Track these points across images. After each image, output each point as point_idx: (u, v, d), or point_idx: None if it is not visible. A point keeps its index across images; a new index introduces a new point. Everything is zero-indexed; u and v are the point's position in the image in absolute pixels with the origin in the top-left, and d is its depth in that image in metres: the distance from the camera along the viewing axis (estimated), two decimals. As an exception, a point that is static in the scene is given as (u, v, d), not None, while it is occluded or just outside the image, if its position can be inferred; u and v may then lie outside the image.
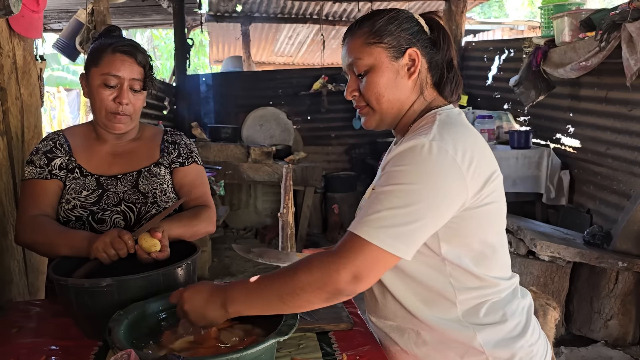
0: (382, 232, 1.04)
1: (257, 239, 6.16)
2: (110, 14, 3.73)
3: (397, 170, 1.09)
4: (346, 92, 1.26)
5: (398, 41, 1.20)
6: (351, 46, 1.23)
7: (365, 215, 1.07)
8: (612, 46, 3.25)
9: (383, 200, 1.07)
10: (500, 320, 1.19)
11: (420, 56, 1.21)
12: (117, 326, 1.10)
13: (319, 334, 1.36)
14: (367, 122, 1.27)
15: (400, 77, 1.21)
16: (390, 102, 1.22)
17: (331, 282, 1.04)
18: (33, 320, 1.48)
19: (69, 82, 11.56)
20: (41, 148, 1.64)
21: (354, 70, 1.23)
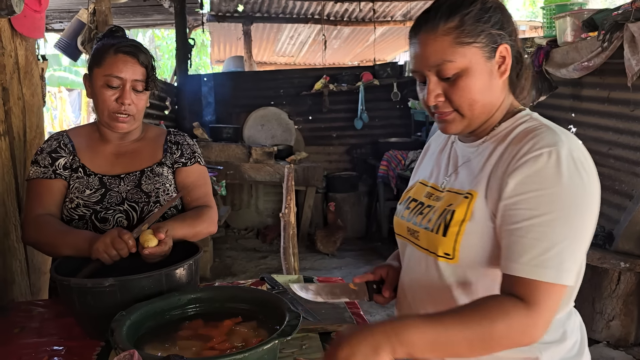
0: (561, 268, 0.96)
1: (258, 239, 6.16)
2: (112, 13, 3.74)
3: (552, 194, 0.98)
4: (428, 98, 1.09)
5: (491, 38, 1.07)
6: (436, 47, 1.06)
7: (538, 255, 0.97)
8: (614, 46, 3.24)
9: (549, 234, 0.97)
10: (560, 338, 1.10)
11: (509, 52, 1.09)
12: (120, 327, 1.10)
13: (321, 334, 1.36)
14: (450, 128, 1.13)
15: (493, 78, 1.09)
16: (484, 107, 1.10)
17: (530, 337, 0.98)
18: (35, 321, 1.48)
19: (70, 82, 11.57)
20: (45, 148, 1.65)
21: (436, 72, 1.08)
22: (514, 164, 1.02)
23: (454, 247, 1.08)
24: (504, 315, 0.96)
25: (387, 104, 6.74)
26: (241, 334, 1.18)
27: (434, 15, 1.07)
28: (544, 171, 0.99)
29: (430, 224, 1.14)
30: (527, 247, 0.98)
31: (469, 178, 1.12)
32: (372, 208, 6.35)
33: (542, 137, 1.03)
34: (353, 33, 9.24)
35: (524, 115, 1.13)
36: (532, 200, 0.99)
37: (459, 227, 1.07)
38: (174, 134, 1.78)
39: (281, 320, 1.11)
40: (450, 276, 1.11)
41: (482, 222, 1.06)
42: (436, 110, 1.12)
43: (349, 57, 11.26)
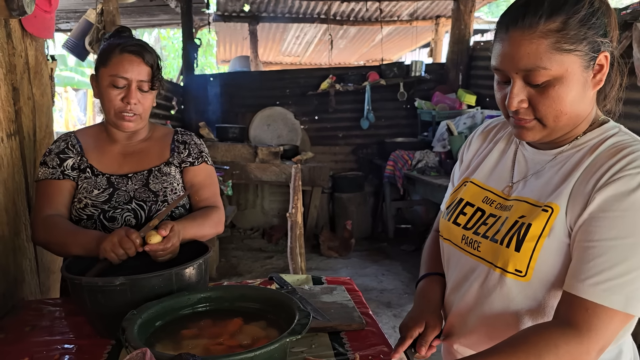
0: (632, 296, 0.89)
1: (264, 239, 6.17)
2: (119, 14, 3.75)
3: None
4: (510, 102, 0.98)
5: (593, 46, 0.95)
6: (530, 49, 0.94)
7: (610, 279, 0.90)
8: (623, 45, 3.23)
9: (628, 259, 0.90)
10: (616, 356, 1.05)
11: (608, 60, 0.98)
12: (131, 326, 1.11)
13: (331, 333, 1.36)
14: (527, 136, 1.03)
15: (587, 89, 0.98)
16: (570, 119, 0.99)
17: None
18: (46, 319, 1.49)
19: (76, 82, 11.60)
20: (54, 149, 1.66)
21: (525, 76, 0.97)
22: (607, 180, 0.94)
23: (528, 264, 1.00)
24: (553, 347, 0.91)
25: (393, 103, 6.74)
26: (251, 332, 1.18)
27: (533, 11, 0.94)
28: (636, 193, 0.91)
29: (499, 235, 1.05)
30: (600, 268, 0.91)
31: (546, 189, 1.03)
32: (378, 208, 6.35)
33: (638, 156, 0.94)
34: (359, 33, 9.23)
35: (612, 127, 1.04)
36: (616, 220, 0.92)
37: (535, 243, 0.99)
38: (181, 133, 1.79)
39: (291, 319, 1.11)
40: (518, 295, 1.04)
41: (560, 239, 0.99)
42: (515, 115, 1.01)
43: (355, 56, 11.25)
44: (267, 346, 1.01)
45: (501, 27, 0.99)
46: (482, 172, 1.18)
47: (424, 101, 6.41)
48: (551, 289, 1.01)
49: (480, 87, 6.05)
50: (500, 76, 1.02)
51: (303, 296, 1.54)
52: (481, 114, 5.31)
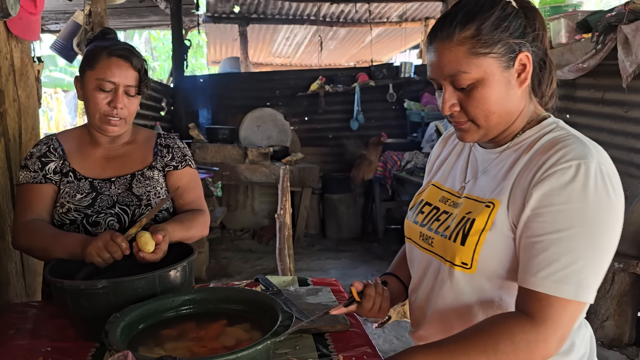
0: (582, 285, 0.93)
1: (254, 240, 6.16)
2: (107, 15, 3.73)
3: (580, 208, 0.94)
4: (443, 107, 1.06)
5: (509, 48, 1.01)
6: (450, 56, 1.01)
7: (559, 270, 0.94)
8: (608, 48, 3.26)
9: (573, 249, 0.94)
10: (567, 350, 1.07)
11: (530, 59, 1.04)
12: (114, 328, 1.10)
13: (315, 335, 1.36)
14: (467, 137, 1.09)
15: (512, 88, 1.04)
16: (501, 117, 1.05)
17: (540, 353, 0.95)
18: (30, 322, 1.48)
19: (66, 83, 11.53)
20: (35, 152, 1.64)
21: (451, 82, 1.04)
22: (541, 175, 0.98)
23: (472, 256, 1.05)
24: (508, 334, 0.95)
25: (383, 104, 6.76)
26: (234, 334, 1.18)
27: (449, 22, 1.02)
28: (572, 185, 0.95)
29: (448, 231, 1.11)
30: (548, 261, 0.95)
31: (490, 186, 1.08)
32: (368, 209, 6.36)
33: (571, 149, 0.98)
34: (349, 34, 9.25)
35: (550, 123, 1.09)
36: (557, 214, 0.95)
37: (478, 237, 1.05)
38: (164, 137, 1.78)
39: (274, 321, 1.12)
40: (466, 286, 1.09)
41: (503, 233, 1.03)
42: (452, 119, 1.08)
43: (345, 58, 11.27)
44: (250, 348, 1.01)
45: (428, 41, 1.07)
46: (442, 174, 1.24)
47: (413, 102, 6.43)
48: (496, 280, 1.06)
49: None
50: (435, 85, 1.09)
51: (288, 297, 1.54)
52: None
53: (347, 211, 6.23)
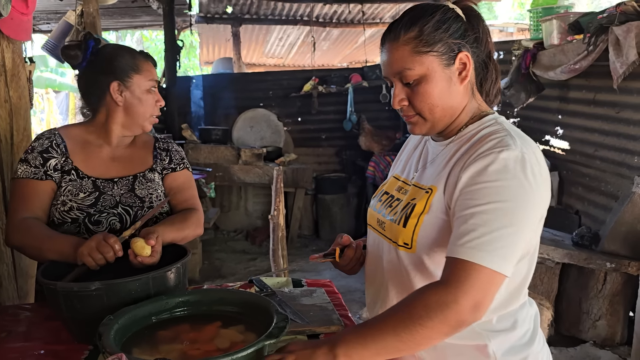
0: (495, 254, 1.01)
1: (247, 240, 6.15)
2: (99, 15, 3.71)
3: (496, 187, 1.04)
4: (393, 102, 1.17)
5: (449, 47, 1.13)
6: (397, 55, 1.14)
7: (474, 239, 1.02)
8: (600, 49, 3.28)
9: (491, 221, 1.02)
10: (511, 327, 1.16)
11: (470, 58, 1.15)
12: (108, 331, 1.10)
13: (310, 336, 1.36)
14: (416, 129, 1.20)
15: (453, 84, 1.15)
16: (444, 111, 1.16)
17: (453, 314, 0.99)
18: (22, 325, 1.47)
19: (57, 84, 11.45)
20: (37, 147, 1.62)
21: (399, 78, 1.15)
22: (470, 161, 1.09)
23: (412, 237, 1.16)
24: (423, 299, 1.02)
25: (376, 105, 6.76)
26: (229, 336, 1.18)
27: (397, 26, 1.15)
28: (492, 166, 1.06)
29: (396, 216, 1.21)
30: (467, 231, 1.03)
31: (432, 174, 1.20)
32: (361, 209, 6.37)
33: (499, 141, 1.09)
34: (342, 35, 9.26)
35: (490, 119, 1.18)
36: (478, 192, 1.06)
37: (417, 219, 1.15)
38: (162, 141, 1.81)
39: (269, 322, 1.12)
40: (409, 265, 1.18)
41: (438, 215, 1.13)
42: (402, 113, 1.20)
43: (338, 58, 11.27)
44: (244, 350, 1.01)
45: (381, 43, 1.20)
46: (401, 166, 1.36)
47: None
48: (436, 259, 1.15)
49: (462, 89, 6.09)
50: (388, 82, 1.20)
51: (282, 299, 1.54)
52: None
53: (341, 212, 6.23)
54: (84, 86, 1.68)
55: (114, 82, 1.62)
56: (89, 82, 1.66)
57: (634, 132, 3.58)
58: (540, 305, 2.68)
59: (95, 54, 1.65)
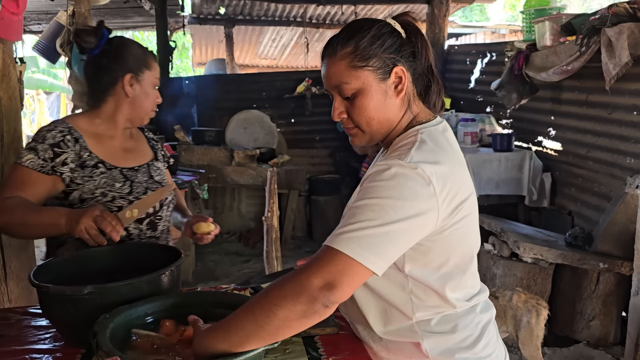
0: (354, 242, 1.04)
1: (241, 242, 6.13)
2: (91, 15, 3.69)
3: (374, 187, 1.09)
4: (333, 114, 1.22)
5: (384, 61, 1.17)
6: (335, 69, 1.18)
7: (339, 229, 1.07)
8: (592, 50, 3.30)
9: (357, 214, 1.06)
10: (450, 330, 1.21)
11: (405, 72, 1.19)
12: (103, 330, 1.09)
13: (305, 338, 1.36)
14: (356, 141, 1.25)
15: (389, 97, 1.19)
16: (381, 123, 1.20)
17: (304, 290, 1.01)
18: (14, 328, 1.45)
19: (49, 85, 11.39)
20: (49, 138, 1.57)
21: (338, 92, 1.20)
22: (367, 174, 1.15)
23: None
24: (278, 281, 1.06)
25: (369, 106, 6.76)
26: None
27: (335, 41, 1.19)
28: (374, 174, 1.11)
29: None
30: (338, 225, 1.09)
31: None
32: (355, 211, 6.36)
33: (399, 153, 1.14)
34: (335, 36, 9.26)
35: (414, 130, 1.21)
36: (359, 194, 1.12)
37: None
38: (147, 131, 1.91)
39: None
40: None
41: None
42: (343, 126, 1.24)
43: (331, 60, 11.28)
44: (241, 355, 1.00)
45: (321, 58, 1.24)
46: None
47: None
48: None
49: (454, 90, 6.12)
50: (330, 95, 1.23)
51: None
52: (455, 117, 5.37)
53: (334, 213, 6.22)
54: (92, 72, 1.68)
55: (128, 74, 1.65)
56: (99, 69, 1.66)
57: (626, 133, 3.60)
58: (537, 306, 2.70)
59: (109, 43, 1.66)
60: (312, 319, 1.03)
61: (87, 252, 1.52)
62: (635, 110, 3.51)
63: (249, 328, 1.01)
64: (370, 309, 1.24)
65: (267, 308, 1.01)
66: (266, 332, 1.01)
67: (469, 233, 1.21)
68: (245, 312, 1.04)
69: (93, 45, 1.65)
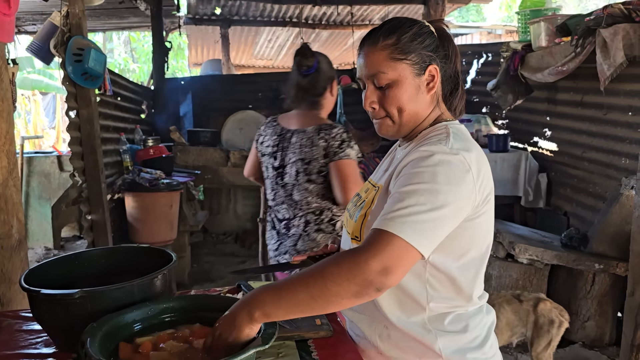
0: (409, 226, 1.07)
1: (237, 243, 6.12)
2: (86, 16, 3.67)
3: (419, 172, 1.13)
4: (365, 103, 1.28)
5: (421, 58, 1.24)
6: (374, 58, 1.24)
7: (390, 212, 1.09)
8: (587, 51, 3.30)
9: (407, 199, 1.10)
10: (461, 330, 1.25)
11: (438, 71, 1.26)
12: (91, 339, 1.07)
13: (298, 342, 1.35)
14: (384, 131, 1.30)
15: (421, 92, 1.25)
16: (410, 116, 1.26)
17: (360, 273, 1.04)
18: (5, 333, 1.44)
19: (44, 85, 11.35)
20: None
21: (374, 81, 1.25)
22: (406, 157, 1.20)
23: (360, 229, 1.27)
24: (334, 258, 1.08)
25: (365, 107, 6.76)
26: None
27: (376, 33, 1.26)
28: (417, 159, 1.15)
29: (354, 212, 1.33)
30: (387, 208, 1.12)
31: (386, 174, 1.31)
32: (351, 211, 6.36)
33: (436, 140, 1.20)
34: (331, 37, 9.26)
35: (441, 125, 1.27)
36: (402, 179, 1.15)
37: (364, 213, 1.27)
38: None
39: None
40: None
41: (379, 209, 1.18)
42: (373, 115, 1.30)
43: (328, 60, 11.28)
44: (234, 357, 0.99)
45: (359, 48, 1.29)
46: (375, 172, 1.45)
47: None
48: None
49: (450, 90, 6.11)
50: (361, 84, 1.30)
51: (271, 304, 1.52)
52: (452, 117, 5.38)
53: (330, 214, 6.21)
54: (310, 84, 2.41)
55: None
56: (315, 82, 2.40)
57: (621, 134, 3.61)
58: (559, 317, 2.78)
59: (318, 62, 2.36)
60: (362, 300, 1.07)
61: (79, 254, 1.51)
62: (630, 111, 3.51)
63: (301, 297, 1.06)
64: (384, 297, 1.25)
65: (322, 282, 1.05)
66: (317, 303, 1.06)
67: (490, 226, 1.27)
68: (299, 281, 1.07)
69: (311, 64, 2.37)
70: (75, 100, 3.52)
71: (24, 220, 2.22)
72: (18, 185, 2.21)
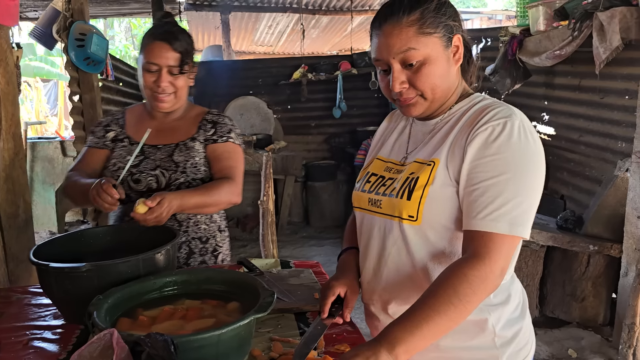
0: (515, 222, 1.08)
1: (238, 228, 6.18)
2: (87, 2, 3.70)
3: (507, 157, 1.10)
4: (393, 84, 1.18)
5: (448, 29, 1.18)
6: (402, 36, 1.15)
7: (495, 211, 1.08)
8: (584, 35, 3.32)
9: (505, 191, 1.08)
10: (505, 300, 1.23)
11: (461, 41, 1.21)
12: (98, 310, 1.12)
13: (297, 314, 1.40)
14: (414, 110, 1.22)
15: (450, 65, 1.20)
16: (444, 91, 1.21)
17: (490, 283, 1.07)
18: (15, 306, 1.50)
19: (46, 72, 11.36)
20: (103, 122, 1.92)
21: (401, 60, 1.16)
22: (474, 134, 1.14)
23: (417, 208, 1.17)
24: (463, 277, 1.05)
25: (365, 92, 6.78)
26: (217, 314, 1.21)
27: (398, 9, 1.17)
28: (499, 138, 1.11)
29: (394, 191, 1.22)
30: (485, 204, 1.09)
31: (430, 150, 1.23)
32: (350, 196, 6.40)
33: (498, 111, 1.15)
34: (331, 22, 9.23)
35: (477, 96, 1.25)
36: (489, 164, 1.11)
37: (422, 191, 1.17)
38: (213, 114, 1.94)
39: (256, 299, 1.15)
40: (413, 237, 1.19)
41: (443, 186, 1.16)
42: (400, 97, 1.20)
43: (328, 46, 11.25)
44: (234, 324, 1.04)
45: (375, 26, 1.20)
46: (386, 149, 1.38)
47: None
48: (441, 230, 1.18)
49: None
50: (381, 65, 1.21)
51: (271, 279, 1.58)
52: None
53: (330, 199, 6.26)
54: None
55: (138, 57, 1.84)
56: None
57: (617, 118, 3.64)
58: None
59: None
60: None
61: (85, 232, 1.57)
62: (627, 95, 3.54)
63: (441, 324, 1.03)
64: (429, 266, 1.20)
65: (461, 306, 1.04)
66: (455, 323, 1.06)
67: None
68: (431, 310, 1.03)
69: None
70: (78, 85, 3.56)
71: (30, 202, 2.27)
72: (24, 167, 2.26)
